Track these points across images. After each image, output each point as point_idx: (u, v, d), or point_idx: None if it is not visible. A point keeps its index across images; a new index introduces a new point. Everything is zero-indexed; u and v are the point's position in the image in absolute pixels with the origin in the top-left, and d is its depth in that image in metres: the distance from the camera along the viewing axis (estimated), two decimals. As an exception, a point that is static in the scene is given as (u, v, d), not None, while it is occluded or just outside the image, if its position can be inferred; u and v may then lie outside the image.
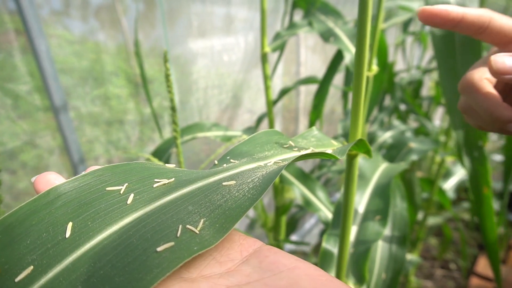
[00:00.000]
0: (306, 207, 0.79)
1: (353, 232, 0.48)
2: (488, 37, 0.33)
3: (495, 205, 1.47)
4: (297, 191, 0.81)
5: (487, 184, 0.50)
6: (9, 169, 0.71)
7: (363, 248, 0.46)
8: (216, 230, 0.20)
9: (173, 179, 0.23)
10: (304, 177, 0.84)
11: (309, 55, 1.44)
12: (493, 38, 0.33)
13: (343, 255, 0.41)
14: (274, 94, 1.18)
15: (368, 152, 0.33)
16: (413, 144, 0.81)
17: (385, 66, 0.72)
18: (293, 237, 1.64)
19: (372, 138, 1.11)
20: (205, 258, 0.20)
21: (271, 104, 0.75)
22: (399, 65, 1.87)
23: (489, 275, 1.67)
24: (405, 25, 1.56)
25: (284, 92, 0.97)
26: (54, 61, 0.70)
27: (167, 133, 0.95)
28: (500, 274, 0.55)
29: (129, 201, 0.21)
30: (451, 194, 1.10)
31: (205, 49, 0.91)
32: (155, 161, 0.58)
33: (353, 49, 0.64)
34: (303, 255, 1.47)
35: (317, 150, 0.31)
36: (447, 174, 1.15)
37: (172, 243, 0.19)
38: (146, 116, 0.91)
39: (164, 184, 0.23)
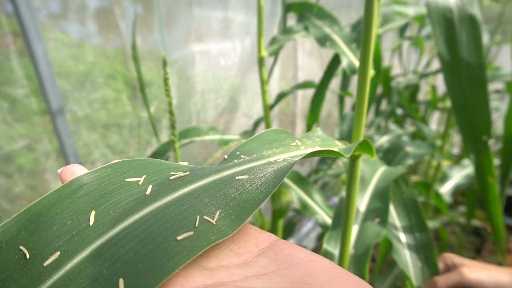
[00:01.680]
0: (303, 210, 0.79)
1: (353, 233, 0.48)
2: None
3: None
4: (294, 194, 0.81)
5: (491, 174, 0.51)
6: (5, 173, 0.71)
7: (363, 249, 0.46)
8: (232, 222, 0.21)
9: (188, 172, 0.24)
10: (301, 181, 0.84)
11: (307, 59, 1.45)
12: None
13: (345, 256, 0.41)
14: (271, 98, 1.19)
15: (371, 153, 0.34)
16: (409, 148, 0.81)
17: (380, 70, 0.72)
18: (291, 241, 1.64)
19: (369, 142, 1.12)
20: (223, 250, 0.21)
21: (268, 108, 0.76)
22: (396, 70, 1.88)
23: None
24: (402, 30, 1.57)
25: (281, 96, 0.98)
26: (51, 64, 0.70)
27: (165, 137, 0.95)
28: (504, 247, 0.58)
29: (147, 192, 0.22)
30: (447, 198, 1.11)
31: (202, 53, 0.91)
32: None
33: (349, 53, 0.65)
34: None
35: (322, 145, 0.31)
36: (444, 178, 1.15)
37: (191, 233, 0.20)
38: (144, 120, 0.91)
39: (180, 177, 0.24)
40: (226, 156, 0.28)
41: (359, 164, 0.36)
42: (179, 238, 0.19)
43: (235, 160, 0.27)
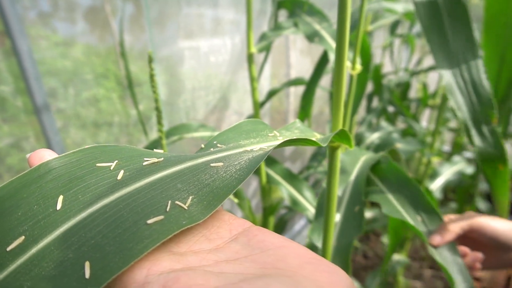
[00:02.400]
0: (294, 207, 0.80)
1: (336, 225, 0.49)
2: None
3: (482, 205, 1.49)
4: (284, 191, 0.81)
5: (503, 161, 0.48)
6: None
7: (346, 241, 0.46)
8: (204, 207, 0.21)
9: (162, 158, 0.24)
10: (291, 178, 0.84)
11: (299, 57, 1.45)
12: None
13: (327, 247, 0.42)
14: (262, 96, 1.19)
15: (349, 143, 0.34)
16: (399, 145, 0.82)
17: (368, 67, 0.73)
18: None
19: (360, 139, 1.12)
20: (195, 235, 0.21)
21: (257, 105, 0.76)
22: (387, 67, 1.89)
23: (476, 275, 1.69)
24: (393, 28, 1.58)
25: (271, 93, 0.98)
26: (40, 63, 0.70)
27: (156, 134, 0.95)
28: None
29: (119, 177, 0.22)
30: (438, 195, 1.12)
31: (192, 51, 0.91)
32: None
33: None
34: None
35: (301, 136, 0.31)
36: (434, 175, 1.16)
37: (161, 217, 0.20)
38: (135, 118, 0.91)
39: (154, 163, 0.24)
40: (203, 145, 0.28)
41: (338, 155, 0.36)
42: (149, 222, 0.19)
43: (212, 149, 0.27)
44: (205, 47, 0.93)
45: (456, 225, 0.46)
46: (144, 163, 0.23)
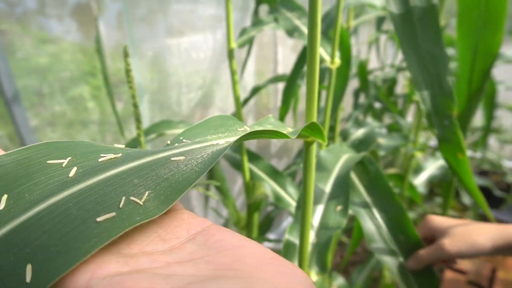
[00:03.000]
0: (277, 203, 0.80)
1: (316, 223, 0.48)
2: None
3: (467, 199, 1.51)
4: (267, 187, 0.81)
5: (461, 150, 0.50)
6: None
7: (325, 238, 0.46)
8: (161, 202, 0.20)
9: (120, 154, 0.23)
10: (275, 174, 0.84)
11: (287, 53, 1.45)
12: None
13: (304, 246, 0.41)
14: (246, 93, 1.18)
15: (322, 137, 0.33)
16: (381, 140, 0.82)
17: (349, 62, 0.72)
18: (271, 236, 1.64)
19: (345, 135, 1.12)
20: (149, 235, 0.20)
21: (239, 101, 0.75)
22: (373, 64, 1.89)
23: (462, 268, 1.71)
24: (379, 23, 1.58)
25: (255, 90, 0.97)
26: (21, 59, 0.68)
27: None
28: (487, 209, 0.59)
29: (71, 174, 0.21)
30: (421, 189, 1.12)
31: (173, 47, 0.90)
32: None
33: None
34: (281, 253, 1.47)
35: (269, 128, 0.31)
36: (418, 170, 1.17)
37: (113, 214, 0.19)
38: (122, 116, 0.89)
39: (110, 159, 0.23)
40: (169, 141, 0.28)
41: (313, 150, 0.35)
42: (99, 219, 0.18)
43: (176, 144, 0.26)
44: (186, 43, 0.92)
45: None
46: (100, 159, 0.22)
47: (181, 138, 0.27)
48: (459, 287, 1.62)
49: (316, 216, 0.48)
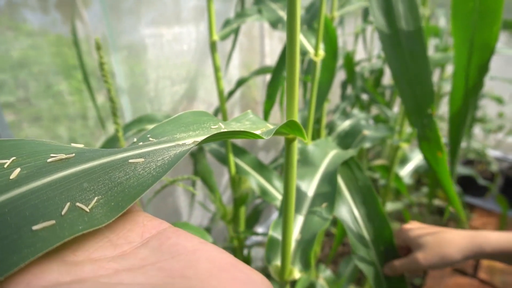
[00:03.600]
0: (263, 196, 0.79)
1: (300, 219, 0.48)
2: None
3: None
4: (253, 181, 0.80)
5: (440, 149, 0.51)
6: None
7: (309, 235, 0.45)
8: (111, 209, 0.19)
9: (73, 154, 0.21)
10: (261, 168, 0.83)
11: (275, 45, 1.43)
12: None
13: (287, 243, 0.41)
14: (231, 85, 1.16)
15: (301, 134, 0.32)
16: (366, 132, 0.82)
17: (336, 54, 0.71)
18: (260, 229, 1.64)
19: (332, 127, 1.12)
20: (99, 240, 0.19)
21: (222, 94, 0.74)
22: (360, 55, 1.89)
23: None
24: (365, 14, 1.57)
25: (240, 82, 0.96)
26: (4, 53, 0.66)
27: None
28: (461, 209, 0.60)
29: (12, 176, 0.19)
30: (408, 180, 1.13)
31: (155, 39, 0.88)
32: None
33: (300, 35, 0.63)
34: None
35: (251, 128, 0.29)
36: (404, 161, 1.17)
37: (53, 222, 0.17)
38: (108, 110, 0.87)
39: (61, 159, 0.21)
40: (135, 139, 0.26)
41: (295, 148, 0.35)
42: (35, 228, 0.16)
43: (141, 143, 0.24)
44: (169, 34, 0.90)
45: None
46: (49, 160, 0.21)
47: (148, 136, 0.25)
48: (445, 274, 1.65)
49: (301, 213, 0.48)
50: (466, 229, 0.54)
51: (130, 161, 0.21)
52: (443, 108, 1.93)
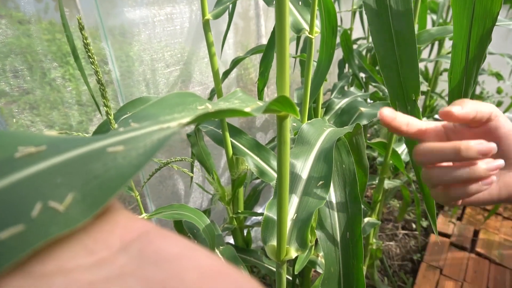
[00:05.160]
0: (261, 177, 0.79)
1: (296, 198, 0.47)
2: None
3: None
4: (250, 162, 0.80)
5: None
6: None
7: (305, 215, 0.45)
8: (88, 206, 0.16)
9: (44, 146, 0.19)
10: (258, 148, 0.83)
11: (271, 26, 1.40)
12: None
13: (282, 222, 0.40)
14: (226, 66, 1.15)
15: (294, 111, 0.32)
16: (363, 109, 0.81)
17: (335, 30, 0.70)
18: (260, 209, 1.65)
19: (329, 105, 1.11)
20: (72, 246, 0.16)
21: (217, 75, 0.72)
22: (357, 33, 1.86)
23: (446, 231, 1.77)
24: (362, -9, 1.54)
25: (235, 62, 0.94)
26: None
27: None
28: (435, 220, 0.57)
29: None
30: (405, 157, 1.13)
31: (146, 20, 0.86)
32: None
33: (295, 12, 0.62)
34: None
35: (236, 103, 0.29)
36: (402, 138, 1.17)
37: (21, 226, 0.15)
38: (112, 94, 0.86)
39: (30, 153, 0.18)
40: (116, 125, 0.25)
41: (287, 125, 0.34)
42: (1, 236, 0.14)
43: (121, 129, 0.22)
44: (161, 15, 0.88)
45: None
46: (17, 154, 0.18)
47: (130, 121, 0.23)
48: (443, 249, 1.67)
49: (296, 192, 0.47)
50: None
51: (109, 149, 0.19)
52: (441, 86, 1.91)
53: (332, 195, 0.52)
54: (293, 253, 0.43)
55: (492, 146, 0.36)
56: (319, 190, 0.47)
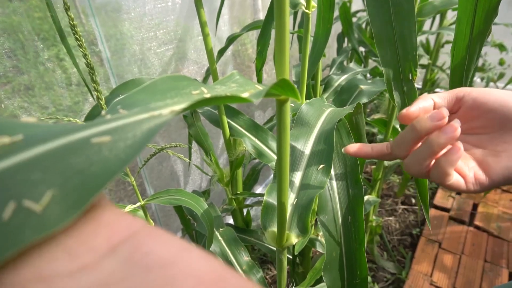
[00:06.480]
0: (259, 158, 0.77)
1: (296, 183, 0.46)
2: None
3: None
4: (248, 143, 0.78)
5: None
6: None
7: (306, 200, 0.44)
8: (69, 205, 0.14)
9: (20, 136, 0.17)
10: (256, 128, 0.81)
11: (267, 0, 1.35)
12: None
13: (282, 208, 0.39)
14: (221, 43, 1.11)
15: (295, 95, 0.30)
16: (363, 87, 0.79)
17: (332, 4, 0.66)
18: (259, 188, 1.65)
19: (328, 82, 1.08)
20: (52, 249, 0.14)
21: (212, 54, 0.70)
22: (357, 5, 1.80)
23: (445, 206, 1.78)
24: (360, -40, 1.48)
25: (231, 40, 0.91)
26: None
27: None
28: (428, 204, 0.56)
29: None
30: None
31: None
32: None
33: (292, -14, 0.59)
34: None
35: (237, 91, 0.27)
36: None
37: None
38: (103, 76, 0.83)
39: (4, 144, 0.16)
40: (103, 113, 0.22)
41: (287, 109, 0.32)
42: None
43: (109, 116, 0.20)
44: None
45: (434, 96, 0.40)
46: None
47: (118, 107, 0.21)
48: (442, 223, 1.68)
49: (296, 176, 0.46)
50: None
51: (93, 140, 0.17)
52: (443, 58, 1.87)
53: (333, 179, 0.51)
54: (293, 239, 0.42)
55: (443, 110, 0.35)
56: (320, 174, 0.45)
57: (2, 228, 0.13)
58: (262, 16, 1.35)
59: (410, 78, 0.45)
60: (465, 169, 0.39)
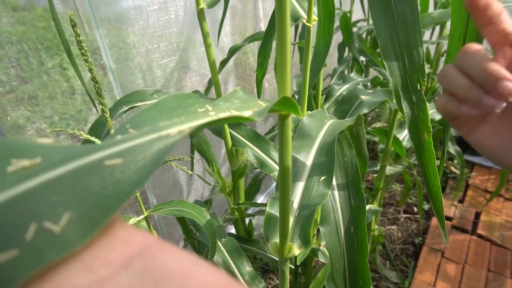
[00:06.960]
0: (261, 168, 0.78)
1: (298, 195, 0.46)
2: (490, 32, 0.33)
3: (453, 150, 1.52)
4: (250, 153, 0.79)
5: (427, 129, 0.47)
6: None
7: (308, 211, 0.44)
8: (85, 226, 0.15)
9: (39, 159, 0.17)
10: (257, 139, 0.81)
11: (269, 9, 1.37)
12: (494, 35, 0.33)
13: (285, 220, 0.40)
14: (223, 54, 1.12)
15: (296, 111, 0.30)
16: (364, 97, 0.79)
17: (332, 16, 0.67)
18: (261, 198, 1.65)
19: (329, 92, 1.09)
20: (71, 264, 0.15)
21: (214, 66, 0.71)
22: (357, 15, 1.82)
23: (448, 215, 1.77)
24: (361, -28, 1.50)
25: (233, 51, 0.92)
26: None
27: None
28: (443, 220, 0.54)
29: None
30: (406, 143, 1.12)
31: (138, 9, 0.83)
32: (94, 140, 0.53)
33: (292, 0, 0.60)
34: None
35: (234, 113, 0.27)
36: (403, 124, 1.15)
37: (14, 253, 0.14)
38: (107, 86, 0.84)
39: (24, 167, 0.17)
40: (112, 131, 0.23)
41: (289, 123, 0.33)
42: None
43: (119, 137, 0.20)
44: (154, 4, 0.85)
45: None
46: (10, 168, 0.17)
47: (127, 126, 0.22)
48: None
49: (298, 188, 0.46)
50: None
51: (106, 162, 0.17)
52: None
53: (335, 189, 0.51)
54: (296, 250, 0.42)
55: None
56: (322, 185, 0.46)
57: (25, 248, 0.14)
58: (263, 25, 1.36)
59: (419, 88, 0.45)
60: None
